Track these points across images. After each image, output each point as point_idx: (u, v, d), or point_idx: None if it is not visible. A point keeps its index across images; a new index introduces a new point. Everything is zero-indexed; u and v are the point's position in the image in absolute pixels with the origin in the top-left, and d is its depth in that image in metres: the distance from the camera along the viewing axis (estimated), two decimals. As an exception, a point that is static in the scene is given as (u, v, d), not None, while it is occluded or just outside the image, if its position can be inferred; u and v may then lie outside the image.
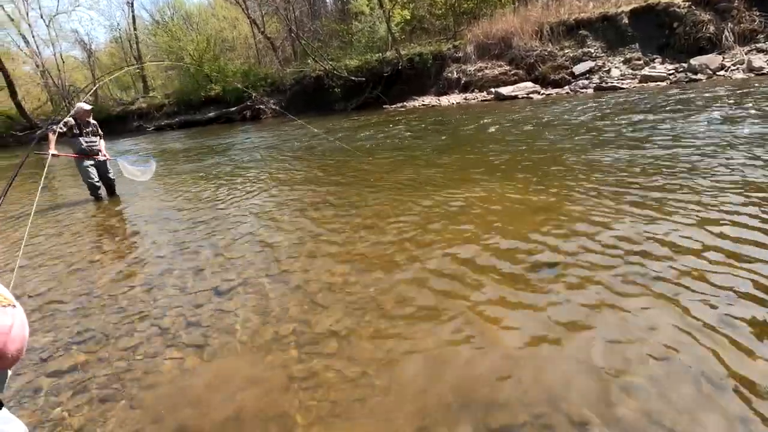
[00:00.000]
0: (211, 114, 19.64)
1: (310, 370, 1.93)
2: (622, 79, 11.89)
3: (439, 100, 14.59)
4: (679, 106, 7.36)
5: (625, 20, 13.41)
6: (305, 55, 19.18)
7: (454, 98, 14.33)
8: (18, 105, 23.36)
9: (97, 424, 1.79)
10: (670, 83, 10.99)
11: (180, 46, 22.08)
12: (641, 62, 12.61)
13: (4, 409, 0.80)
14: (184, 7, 27.02)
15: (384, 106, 15.55)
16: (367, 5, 18.99)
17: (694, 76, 10.87)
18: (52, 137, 5.33)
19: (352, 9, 20.53)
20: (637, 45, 13.13)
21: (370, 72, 16.43)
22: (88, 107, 5.78)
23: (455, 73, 15.15)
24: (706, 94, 8.24)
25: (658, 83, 11.17)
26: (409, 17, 18.28)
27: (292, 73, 18.95)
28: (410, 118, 11.46)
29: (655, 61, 12.59)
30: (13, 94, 22.89)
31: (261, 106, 18.36)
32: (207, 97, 20.44)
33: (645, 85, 11.27)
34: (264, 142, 10.77)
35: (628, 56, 12.95)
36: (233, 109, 19.06)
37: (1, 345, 0.71)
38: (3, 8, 25.05)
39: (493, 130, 7.73)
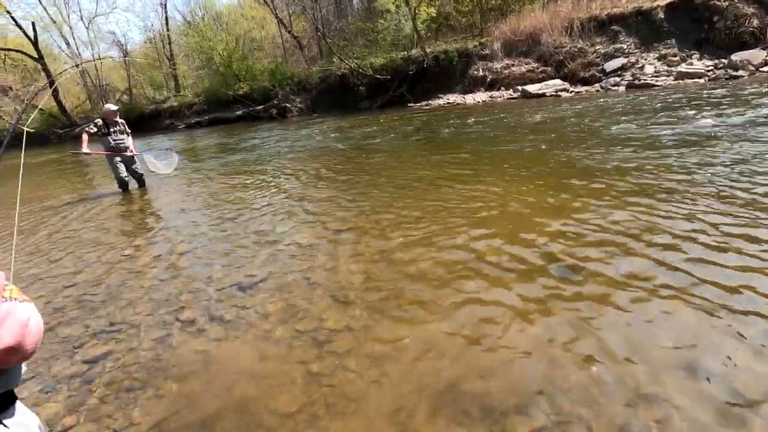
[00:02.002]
0: (239, 112, 20.06)
1: (326, 365, 1.95)
2: (656, 77, 11.43)
3: (464, 98, 14.42)
4: (718, 105, 7.02)
5: (661, 15, 12.89)
6: (331, 54, 19.31)
7: (480, 96, 14.13)
8: (59, 103, 24.59)
9: (125, 410, 1.86)
10: (709, 80, 10.48)
11: (210, 45, 22.65)
12: (677, 58, 12.08)
13: (18, 402, 0.84)
14: (214, 7, 27.65)
15: (409, 105, 15.50)
16: (393, 3, 18.94)
17: (734, 73, 10.33)
18: (85, 137, 5.95)
19: (377, 7, 20.50)
20: (673, 41, 12.59)
21: (395, 70, 16.39)
22: (114, 108, 6.19)
23: (481, 71, 14.94)
24: (749, 92, 7.83)
25: (696, 80, 10.68)
26: (435, 15, 18.13)
27: (318, 71, 19.12)
28: (435, 117, 11.38)
29: (693, 57, 12.04)
30: (54, 93, 24.06)
31: (287, 105, 18.64)
32: (235, 95, 20.89)
33: (681, 82, 10.80)
34: (288, 139, 10.91)
35: (663, 52, 12.43)
36: (260, 107, 19.40)
37: (20, 338, 0.75)
38: (46, 11, 26.35)
39: (517, 129, 7.58)
